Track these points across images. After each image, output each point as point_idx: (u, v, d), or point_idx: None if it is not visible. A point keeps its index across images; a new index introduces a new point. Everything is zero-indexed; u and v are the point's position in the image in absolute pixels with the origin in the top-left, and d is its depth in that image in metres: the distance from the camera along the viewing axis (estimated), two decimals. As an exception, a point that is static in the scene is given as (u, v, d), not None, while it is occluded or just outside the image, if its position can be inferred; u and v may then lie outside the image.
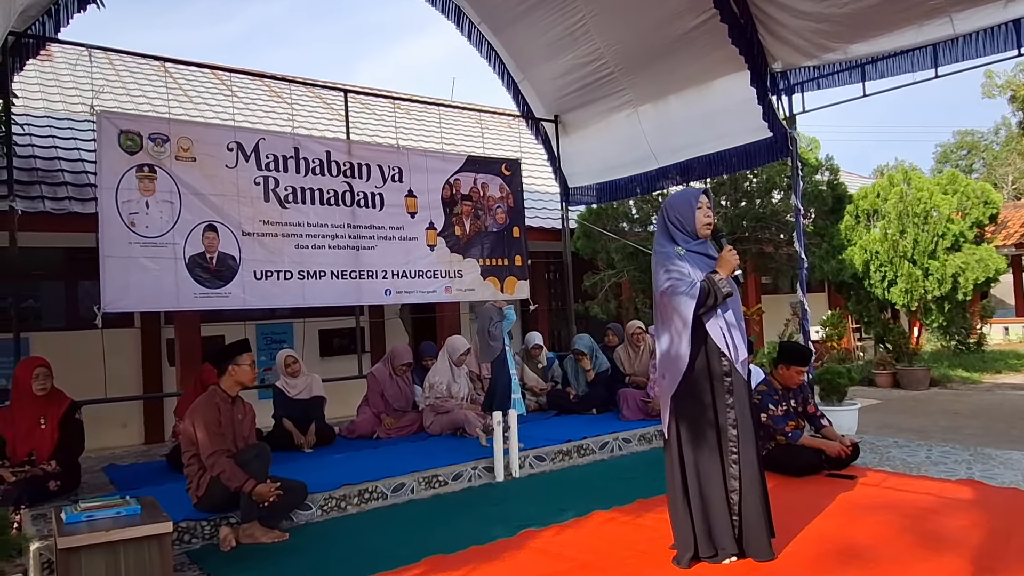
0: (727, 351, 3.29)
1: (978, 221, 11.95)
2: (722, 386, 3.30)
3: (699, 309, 3.23)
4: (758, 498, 3.28)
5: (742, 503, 3.27)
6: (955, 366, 12.11)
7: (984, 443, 6.00)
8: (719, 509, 3.25)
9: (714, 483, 3.26)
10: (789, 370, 5.03)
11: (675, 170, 7.88)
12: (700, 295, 3.21)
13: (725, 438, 3.28)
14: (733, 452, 3.28)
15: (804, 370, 5.06)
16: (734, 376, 3.31)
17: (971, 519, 3.76)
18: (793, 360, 5.03)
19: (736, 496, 3.26)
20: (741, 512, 3.27)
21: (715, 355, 3.30)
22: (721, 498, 3.25)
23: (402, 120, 11.87)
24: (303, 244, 6.64)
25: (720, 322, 3.29)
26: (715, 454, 3.28)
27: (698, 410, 3.29)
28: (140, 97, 9.70)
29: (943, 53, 5.82)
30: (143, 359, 8.59)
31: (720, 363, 3.30)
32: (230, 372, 4.29)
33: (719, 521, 3.25)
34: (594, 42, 7.56)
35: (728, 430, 3.28)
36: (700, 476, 3.27)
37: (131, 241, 5.72)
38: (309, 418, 6.18)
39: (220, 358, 4.35)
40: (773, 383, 5.10)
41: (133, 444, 7.95)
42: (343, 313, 8.48)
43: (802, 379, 5.10)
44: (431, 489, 4.97)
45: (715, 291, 3.23)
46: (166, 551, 3.37)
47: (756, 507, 3.27)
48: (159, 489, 4.51)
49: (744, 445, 3.29)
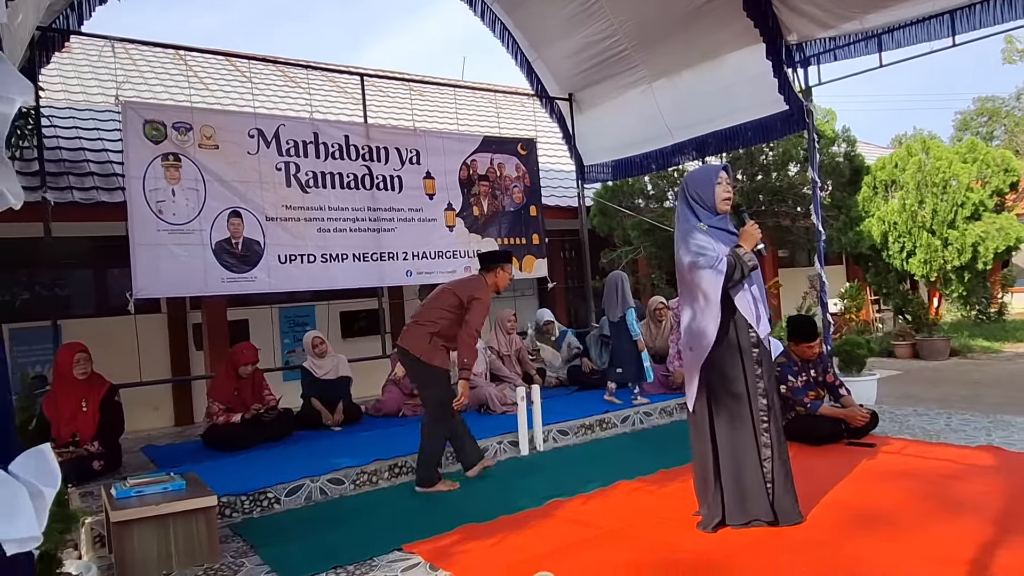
0: (754, 323, 3.37)
1: (998, 189, 11.84)
2: (750, 358, 3.38)
3: (727, 283, 3.30)
4: (788, 466, 3.38)
5: (775, 471, 3.36)
6: (975, 336, 12.07)
7: (1004, 411, 6.03)
8: (753, 478, 3.34)
9: (748, 453, 3.35)
10: (800, 345, 5.09)
11: (691, 145, 7.89)
12: (727, 269, 3.28)
13: (756, 408, 3.37)
14: (764, 421, 3.37)
15: (813, 344, 5.09)
16: (761, 348, 3.39)
17: (990, 484, 3.83)
18: (800, 336, 5.09)
19: (769, 464, 3.36)
20: (774, 480, 3.36)
21: (743, 328, 3.38)
22: (755, 467, 3.34)
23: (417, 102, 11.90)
24: (325, 228, 6.75)
25: (748, 295, 3.36)
26: (747, 424, 3.36)
27: (729, 382, 3.37)
28: (159, 87, 9.80)
29: (960, 20, 5.78)
30: (171, 344, 8.78)
31: (748, 335, 3.38)
32: (496, 273, 4.85)
33: (753, 490, 3.34)
34: (607, 19, 7.56)
35: (759, 400, 3.37)
36: (733, 446, 3.36)
37: (159, 228, 5.86)
38: (337, 397, 6.33)
39: (494, 259, 4.95)
40: (792, 355, 5.17)
41: (165, 426, 8.15)
42: (364, 295, 8.62)
43: (816, 352, 5.15)
44: (458, 463, 5.10)
45: (742, 265, 3.30)
46: (212, 523, 3.53)
47: (786, 474, 3.38)
48: (198, 466, 4.68)
49: (773, 414, 3.38)
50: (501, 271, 4.86)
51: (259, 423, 5.69)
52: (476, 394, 6.41)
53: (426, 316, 4.71)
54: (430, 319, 4.66)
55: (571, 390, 7.26)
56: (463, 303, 4.63)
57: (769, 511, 3.35)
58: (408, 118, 10.02)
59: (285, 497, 4.43)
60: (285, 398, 6.27)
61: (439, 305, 4.71)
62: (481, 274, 4.89)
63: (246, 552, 3.71)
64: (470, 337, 4.58)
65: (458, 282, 4.95)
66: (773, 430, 3.38)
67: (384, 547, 3.55)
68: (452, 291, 4.74)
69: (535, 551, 3.33)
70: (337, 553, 3.52)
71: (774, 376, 3.46)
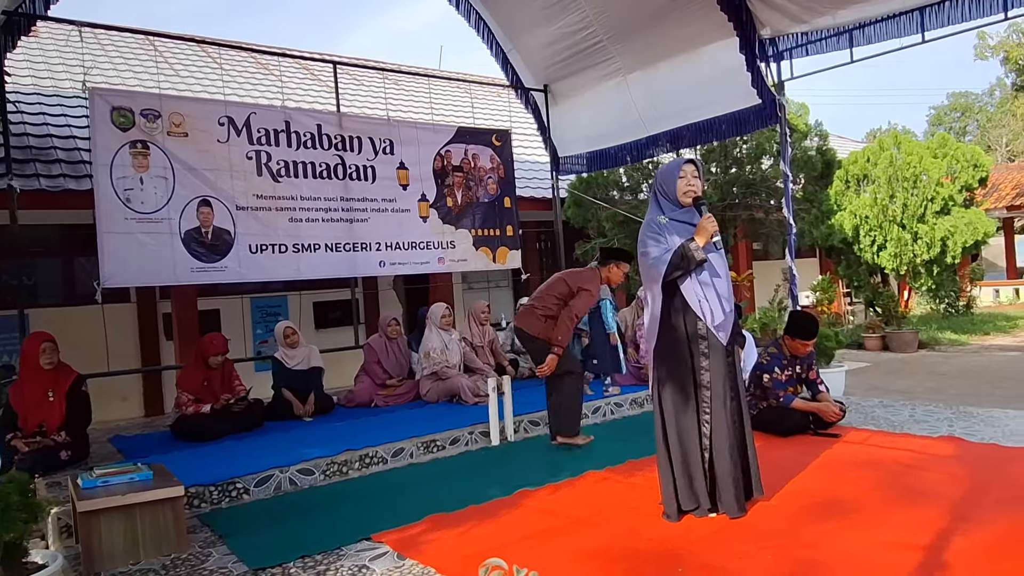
0: (702, 314, 3.43)
1: (967, 184, 12.05)
2: (698, 348, 3.46)
3: (672, 274, 3.38)
4: (729, 456, 3.42)
5: (713, 460, 3.43)
6: (944, 329, 12.30)
7: (968, 402, 6.17)
8: (696, 464, 3.44)
9: (692, 439, 3.44)
10: (795, 341, 5.11)
11: (665, 138, 7.93)
12: (672, 260, 3.37)
13: (700, 397, 3.45)
14: (706, 412, 3.44)
15: (810, 343, 5.14)
16: (710, 338, 3.45)
17: (949, 473, 3.91)
18: (799, 333, 5.10)
19: (707, 454, 3.44)
20: (713, 469, 3.43)
21: (691, 318, 3.46)
22: (697, 454, 3.44)
23: (391, 91, 11.84)
24: (297, 217, 6.70)
25: (695, 287, 3.43)
26: (692, 412, 3.45)
27: (677, 370, 3.46)
28: (128, 72, 9.65)
29: (930, 17, 5.87)
30: (140, 333, 8.69)
31: (696, 325, 3.45)
32: (610, 268, 5.25)
33: (697, 475, 3.44)
34: (582, 10, 7.56)
35: (703, 390, 3.45)
36: (680, 432, 3.45)
37: (127, 217, 5.78)
38: (308, 388, 6.31)
39: (612, 255, 5.33)
40: (783, 348, 5.20)
41: (134, 416, 8.08)
42: (337, 285, 8.58)
43: (808, 350, 5.20)
44: (429, 453, 5.13)
45: (688, 257, 3.37)
46: (179, 513, 3.52)
47: (727, 464, 3.41)
48: (166, 457, 4.65)
49: (716, 404, 3.43)
50: (615, 267, 5.26)
51: (229, 414, 5.65)
52: (448, 385, 6.43)
53: (540, 303, 5.10)
54: (543, 305, 5.07)
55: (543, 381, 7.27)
56: (572, 292, 5.01)
57: (707, 498, 3.43)
58: (382, 108, 9.96)
59: (254, 487, 4.42)
60: (256, 389, 6.24)
61: (552, 292, 5.09)
62: (595, 267, 5.30)
63: (214, 542, 3.70)
64: (570, 320, 4.97)
65: (573, 272, 5.27)
66: (715, 421, 3.43)
67: (352, 537, 3.56)
68: (565, 280, 5.11)
69: (502, 540, 3.35)
70: (305, 542, 3.52)
71: (731, 367, 3.49)
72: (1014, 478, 3.76)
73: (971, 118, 38.46)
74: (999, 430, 4.85)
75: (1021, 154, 30.84)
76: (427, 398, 6.55)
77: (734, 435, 3.45)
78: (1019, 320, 13.48)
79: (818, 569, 2.83)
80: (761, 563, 2.92)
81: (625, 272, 5.35)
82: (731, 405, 3.46)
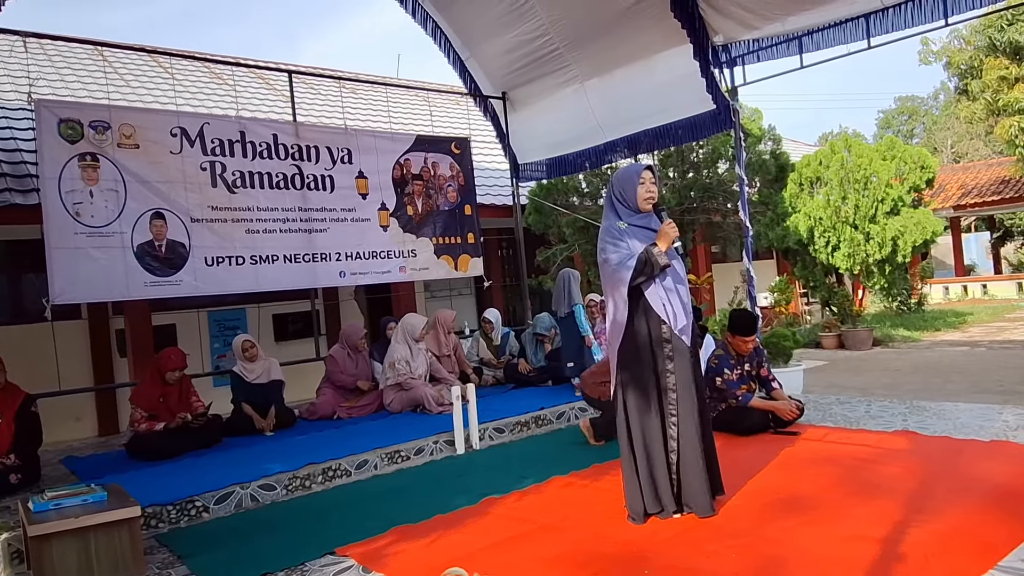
0: (666, 318, 3.46)
1: (915, 185, 12.41)
2: (662, 352, 3.48)
3: (636, 279, 3.41)
4: (699, 458, 3.45)
5: (680, 463, 3.46)
6: (897, 326, 12.64)
7: (920, 397, 6.34)
8: (661, 468, 3.46)
9: (656, 443, 3.46)
10: (736, 339, 5.21)
11: (623, 144, 8.02)
12: (636, 265, 3.39)
13: (666, 400, 3.47)
14: (672, 415, 3.47)
15: (750, 339, 5.24)
16: (674, 342, 3.48)
17: (904, 466, 4.01)
18: (738, 330, 5.21)
19: (675, 456, 3.46)
20: (680, 471, 3.46)
21: (655, 322, 3.48)
22: (662, 457, 3.45)
23: (348, 100, 11.75)
24: (254, 229, 6.60)
25: (660, 291, 3.46)
26: (657, 415, 3.47)
27: (641, 374, 3.48)
28: (76, 83, 9.42)
29: (874, 24, 6.03)
30: (93, 351, 8.46)
31: (660, 330, 3.48)
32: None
33: (662, 479, 3.45)
34: (539, 18, 7.60)
35: (668, 393, 3.47)
36: (645, 436, 3.47)
37: (77, 232, 5.62)
38: (269, 402, 6.20)
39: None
40: (729, 348, 5.28)
41: (88, 436, 7.85)
42: (297, 297, 8.48)
43: (751, 347, 5.28)
44: (394, 464, 5.07)
45: (652, 262, 3.40)
46: (136, 535, 3.42)
47: (696, 466, 3.45)
48: (122, 477, 4.51)
49: (683, 407, 3.46)
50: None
51: (186, 430, 5.52)
52: (412, 395, 6.38)
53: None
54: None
55: (507, 388, 7.29)
56: None
57: (673, 501, 3.45)
58: (339, 117, 9.88)
59: (214, 505, 4.32)
60: (215, 404, 6.10)
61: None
62: None
63: (173, 563, 3.61)
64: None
65: None
66: (682, 424, 3.46)
67: (316, 552, 3.50)
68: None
69: (468, 549, 3.33)
70: (267, 560, 3.45)
71: (699, 369, 3.55)
72: (964, 469, 3.87)
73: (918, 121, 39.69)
74: (950, 423, 4.99)
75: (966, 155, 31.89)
76: (391, 408, 6.49)
77: (700, 437, 3.48)
78: (968, 316, 13.92)
79: (781, 565, 2.87)
80: (726, 561, 2.95)
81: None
82: (697, 407, 3.50)
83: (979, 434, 4.56)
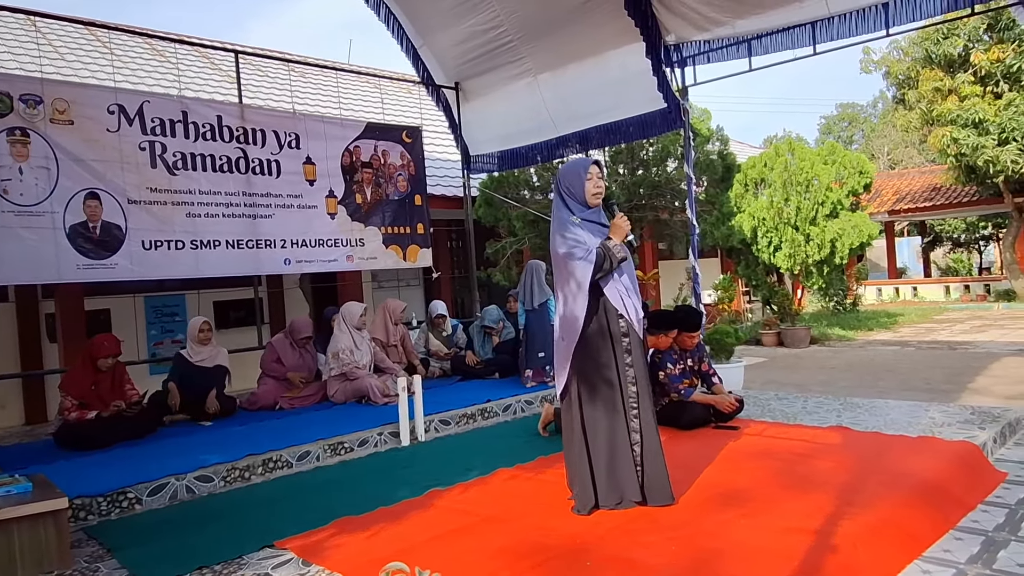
0: (625, 313, 3.48)
1: (854, 190, 12.82)
2: (620, 346, 3.49)
3: (596, 274, 3.40)
4: (659, 448, 3.51)
5: (643, 455, 3.49)
6: (833, 325, 13.05)
7: (854, 394, 6.55)
8: (624, 461, 3.46)
9: (619, 437, 3.46)
10: (681, 335, 5.30)
11: (574, 139, 8.06)
12: (596, 260, 3.38)
13: (626, 395, 3.48)
14: (634, 408, 3.49)
15: (695, 335, 5.33)
16: (632, 336, 3.50)
17: (837, 461, 4.13)
18: (684, 326, 5.29)
19: (638, 448, 3.49)
20: (643, 463, 3.49)
21: (614, 317, 3.48)
22: (626, 451, 3.46)
23: (298, 84, 11.50)
24: (195, 212, 6.40)
25: (618, 285, 3.48)
26: (619, 410, 3.47)
27: (600, 369, 3.47)
28: (6, 54, 8.98)
29: (820, 31, 6.21)
30: (20, 336, 8.10)
31: (618, 324, 3.49)
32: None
33: (624, 473, 3.46)
34: (493, 9, 7.57)
35: (628, 387, 3.49)
36: (604, 431, 3.46)
37: (5, 210, 5.37)
38: (209, 386, 6.02)
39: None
40: (673, 344, 5.36)
41: (13, 425, 7.52)
42: (240, 284, 8.27)
43: (695, 342, 5.38)
44: (337, 456, 5.00)
45: (610, 256, 3.41)
46: (62, 527, 3.28)
47: (658, 457, 3.50)
48: (49, 467, 4.34)
49: (643, 400, 3.50)
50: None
51: (120, 419, 5.33)
52: (357, 386, 6.30)
53: None
54: None
55: (454, 380, 7.26)
56: None
57: (638, 492, 3.48)
58: (288, 100, 9.66)
59: (147, 497, 4.19)
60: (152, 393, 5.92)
61: None
62: None
63: (102, 556, 3.47)
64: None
65: None
66: (643, 416, 3.50)
67: (254, 545, 3.41)
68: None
69: (411, 541, 3.30)
70: (203, 553, 3.35)
71: (647, 364, 3.58)
72: (893, 464, 4.00)
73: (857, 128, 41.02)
74: (881, 419, 5.16)
75: (901, 163, 33.09)
76: (335, 399, 6.40)
77: (656, 430, 3.52)
78: (899, 317, 14.47)
79: (718, 556, 2.92)
80: (665, 553, 2.99)
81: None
82: (651, 400, 3.54)
83: (907, 430, 4.73)
